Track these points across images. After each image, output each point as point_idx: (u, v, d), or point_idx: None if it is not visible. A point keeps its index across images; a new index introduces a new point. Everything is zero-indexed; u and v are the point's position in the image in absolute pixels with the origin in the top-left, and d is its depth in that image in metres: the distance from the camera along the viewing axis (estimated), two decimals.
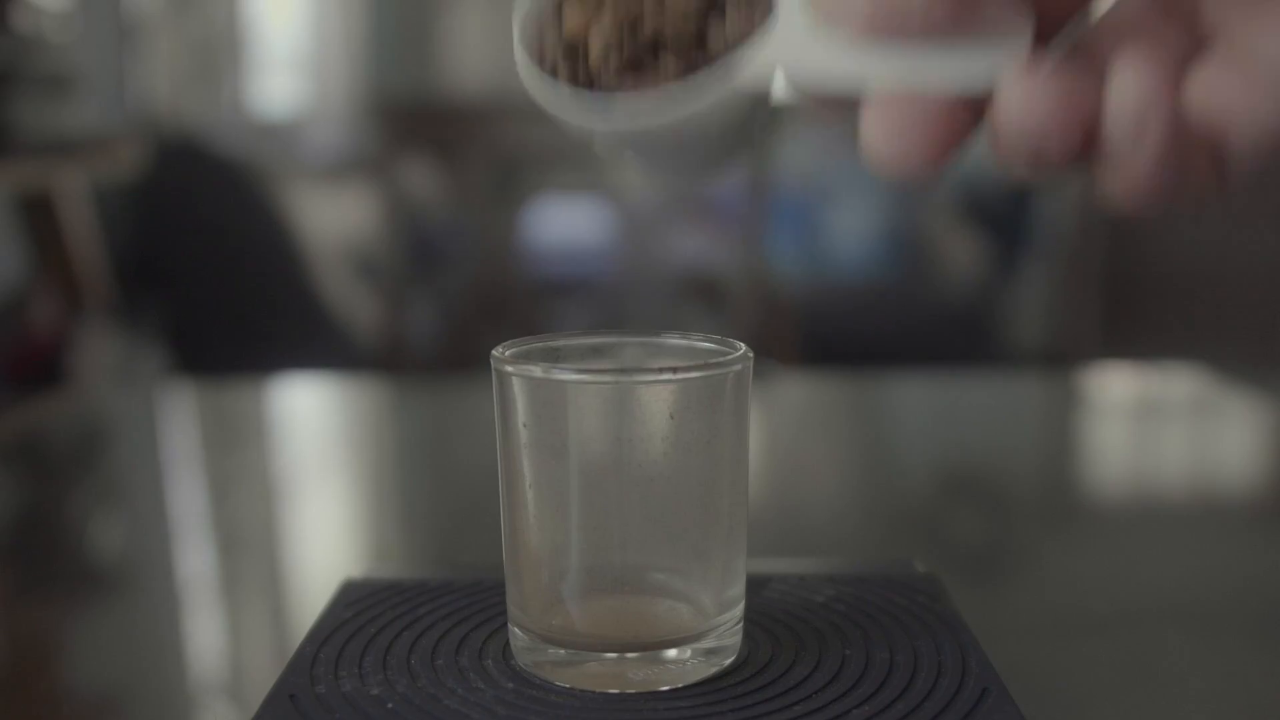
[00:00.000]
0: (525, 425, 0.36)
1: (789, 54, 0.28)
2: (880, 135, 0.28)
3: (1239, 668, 0.48)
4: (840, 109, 0.29)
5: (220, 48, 3.57)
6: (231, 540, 0.70)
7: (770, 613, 0.41)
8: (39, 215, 1.94)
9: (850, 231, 3.61)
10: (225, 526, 0.72)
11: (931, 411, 1.00)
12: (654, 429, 0.35)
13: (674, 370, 0.36)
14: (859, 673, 0.36)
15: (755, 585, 0.42)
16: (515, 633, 0.37)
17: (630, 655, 0.36)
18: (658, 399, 0.35)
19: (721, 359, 0.36)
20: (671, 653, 0.36)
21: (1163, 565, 0.60)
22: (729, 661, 0.37)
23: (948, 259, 3.63)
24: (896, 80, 0.28)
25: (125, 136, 2.41)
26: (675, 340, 0.39)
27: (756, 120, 0.31)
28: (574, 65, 0.30)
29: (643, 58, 0.30)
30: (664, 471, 0.36)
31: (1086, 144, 0.27)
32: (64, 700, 0.47)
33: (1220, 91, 0.26)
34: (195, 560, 0.66)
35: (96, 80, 2.85)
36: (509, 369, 0.36)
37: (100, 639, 0.54)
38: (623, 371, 0.37)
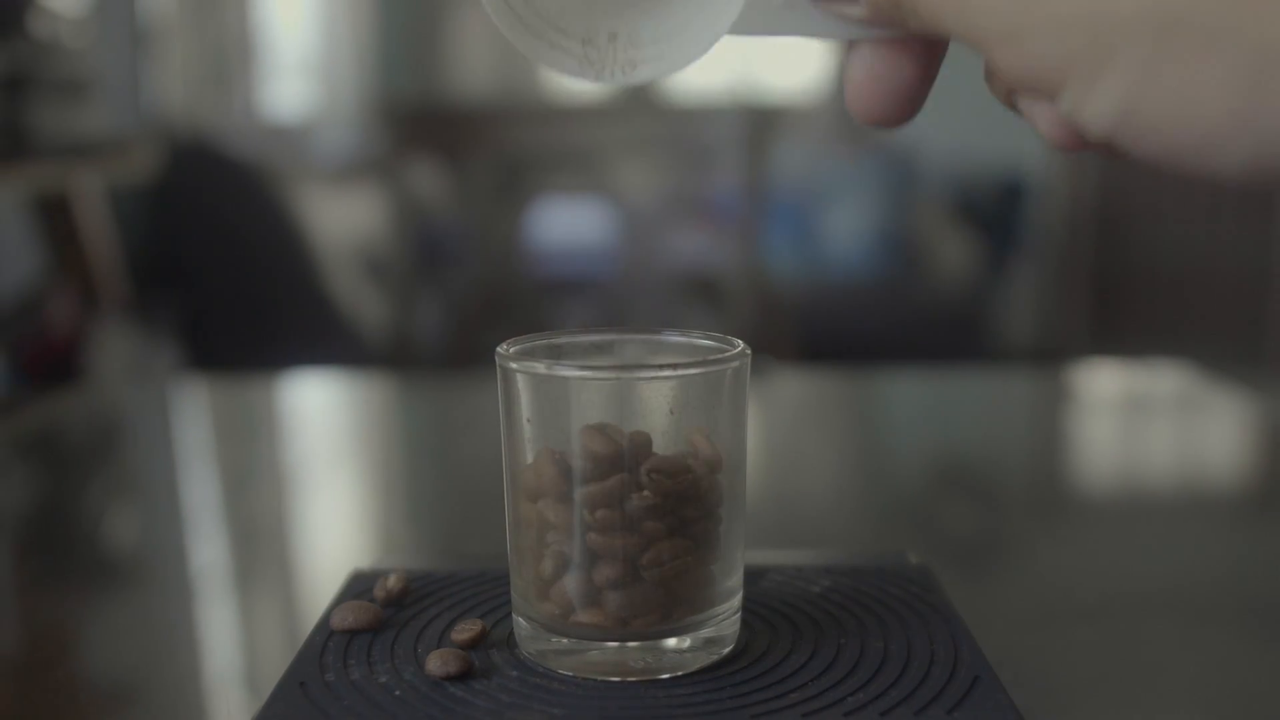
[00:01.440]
0: (529, 420, 0.36)
1: (765, 20, 0.31)
2: (861, 89, 0.31)
3: (1222, 655, 0.48)
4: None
5: (232, 53, 3.57)
6: (243, 532, 0.70)
7: (768, 603, 0.41)
8: (56, 216, 1.94)
9: (844, 232, 3.61)
10: (237, 518, 0.72)
11: (924, 407, 1.00)
12: (654, 424, 0.35)
13: (674, 366, 0.36)
14: (854, 661, 0.36)
15: (753, 576, 0.42)
16: (519, 622, 0.37)
17: (631, 644, 0.36)
18: (658, 394, 0.35)
19: (720, 356, 0.36)
20: (671, 641, 0.36)
21: (1148, 556, 0.60)
22: (727, 650, 0.37)
23: (940, 258, 3.63)
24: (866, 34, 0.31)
25: (140, 139, 2.41)
26: (675, 337, 0.39)
27: None
28: None
29: None
30: (664, 465, 0.36)
31: None
32: (81, 687, 0.47)
33: None
34: (208, 551, 0.66)
35: (112, 84, 2.85)
36: (513, 365, 0.36)
37: (116, 628, 0.54)
38: (624, 368, 0.37)
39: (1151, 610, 0.52)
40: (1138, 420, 0.97)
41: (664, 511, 0.35)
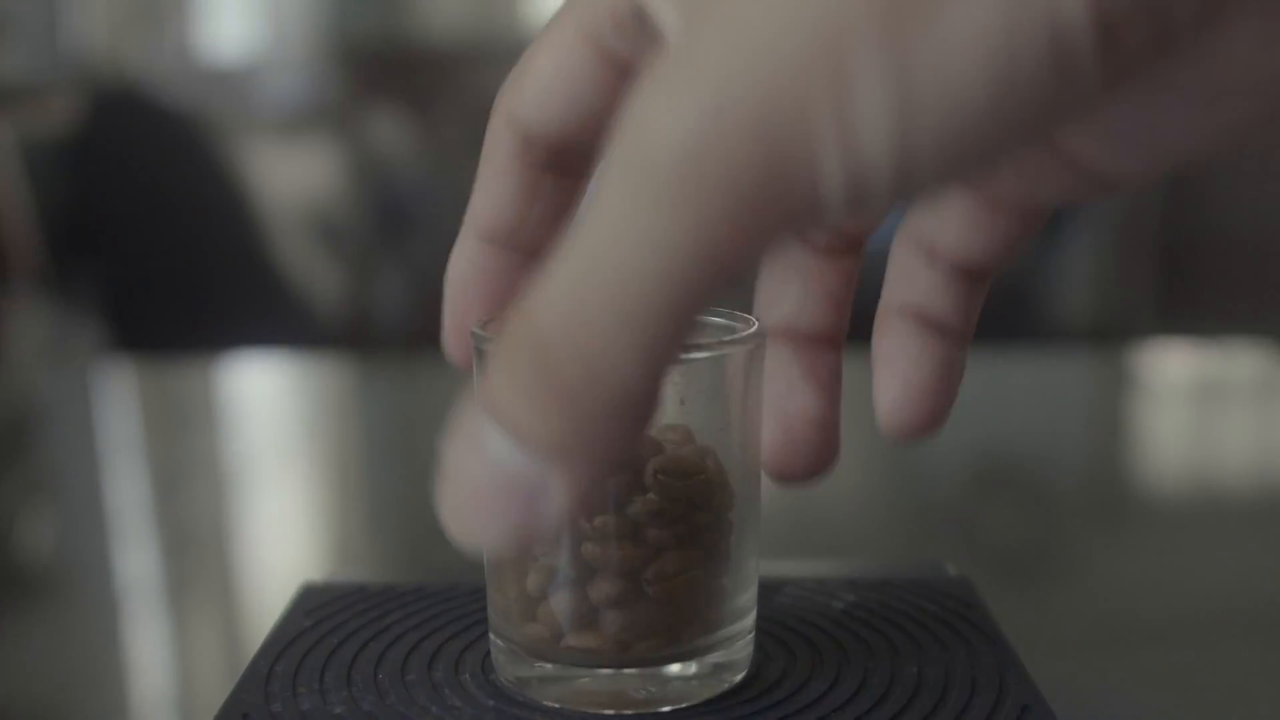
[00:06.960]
0: None
1: None
2: (888, 407, 0.35)
3: None
4: None
5: None
6: (177, 539, 0.70)
7: (784, 622, 0.41)
8: None
9: None
10: (170, 524, 0.72)
11: (966, 394, 1.00)
12: (663, 416, 0.35)
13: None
14: (883, 689, 0.36)
15: (768, 590, 0.42)
16: (497, 644, 0.37)
17: (628, 671, 0.36)
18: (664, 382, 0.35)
19: (733, 336, 0.36)
20: (675, 668, 0.36)
21: (1224, 568, 0.60)
22: (739, 678, 0.37)
23: None
24: None
25: (57, 85, 2.40)
26: None
27: None
28: None
29: None
30: (674, 464, 0.35)
31: None
32: None
33: None
34: (136, 562, 0.66)
35: (24, 22, 2.83)
36: (491, 346, 0.36)
37: (29, 650, 0.54)
38: None
39: (1227, 631, 0.52)
40: (1212, 409, 0.97)
41: (671, 518, 0.35)
